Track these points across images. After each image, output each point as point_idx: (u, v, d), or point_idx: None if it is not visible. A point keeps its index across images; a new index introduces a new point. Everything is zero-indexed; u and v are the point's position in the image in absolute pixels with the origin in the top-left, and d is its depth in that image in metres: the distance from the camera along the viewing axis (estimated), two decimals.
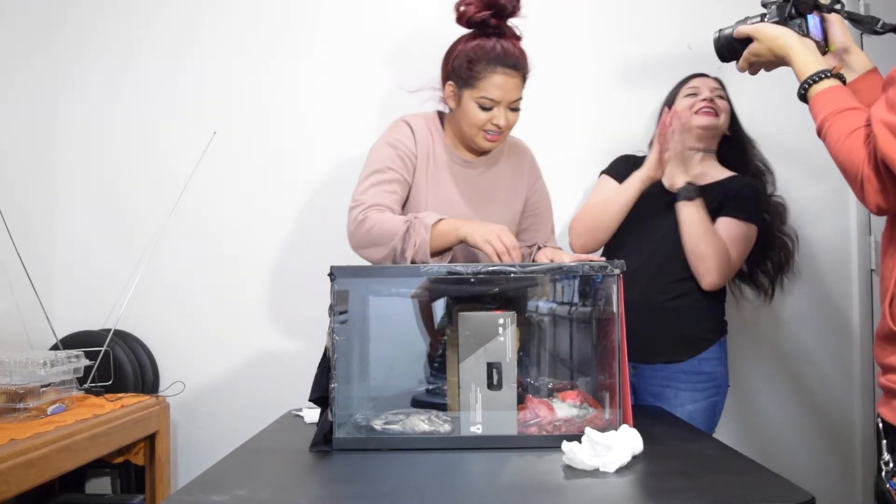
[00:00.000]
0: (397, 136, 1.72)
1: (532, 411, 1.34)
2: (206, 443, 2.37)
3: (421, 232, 1.52)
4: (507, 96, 1.64)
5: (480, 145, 1.70)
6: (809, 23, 1.30)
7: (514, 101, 1.66)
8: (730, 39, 1.37)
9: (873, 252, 2.31)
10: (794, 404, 2.37)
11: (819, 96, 1.20)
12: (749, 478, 1.12)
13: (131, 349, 2.36)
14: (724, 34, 1.38)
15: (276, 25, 2.47)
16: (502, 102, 1.64)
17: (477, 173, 1.76)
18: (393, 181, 1.66)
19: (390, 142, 1.71)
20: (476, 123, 1.66)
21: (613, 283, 1.33)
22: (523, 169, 1.84)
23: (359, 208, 1.61)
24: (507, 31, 1.66)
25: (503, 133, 1.69)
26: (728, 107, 2.02)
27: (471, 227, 1.51)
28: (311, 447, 1.30)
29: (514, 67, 1.63)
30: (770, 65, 1.34)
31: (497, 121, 1.65)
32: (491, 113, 1.65)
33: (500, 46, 1.62)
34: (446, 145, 1.75)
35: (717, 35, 1.39)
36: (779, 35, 1.29)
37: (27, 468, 1.64)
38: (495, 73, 1.62)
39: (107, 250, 2.45)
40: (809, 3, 1.30)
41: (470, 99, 1.65)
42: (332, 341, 1.30)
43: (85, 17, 2.49)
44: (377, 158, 1.69)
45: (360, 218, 1.59)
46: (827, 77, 1.21)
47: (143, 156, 2.47)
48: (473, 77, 1.63)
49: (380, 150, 1.71)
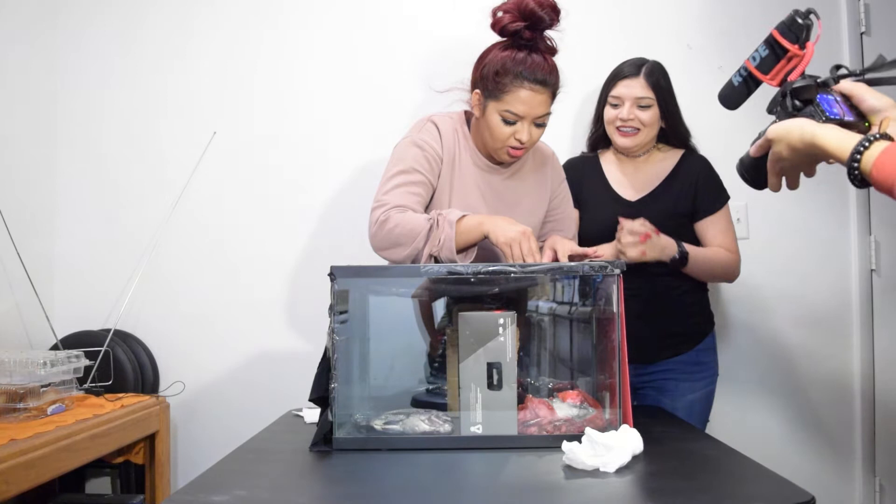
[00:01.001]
0: (424, 138, 1.67)
1: (532, 411, 1.34)
2: (206, 443, 2.37)
3: (446, 228, 1.48)
4: (533, 112, 1.59)
5: (502, 158, 1.67)
6: (823, 106, 1.09)
7: (540, 116, 1.61)
8: (751, 161, 1.17)
9: (873, 252, 2.31)
10: (794, 404, 2.37)
11: (882, 161, 0.98)
12: (749, 478, 1.12)
13: (131, 349, 2.36)
14: (743, 160, 1.19)
15: (277, 25, 2.47)
16: (527, 118, 1.60)
17: (501, 179, 1.73)
18: (418, 183, 1.62)
19: (417, 142, 1.66)
20: (499, 137, 1.62)
21: (613, 283, 1.33)
22: (546, 175, 1.81)
23: (381, 209, 1.57)
24: (542, 45, 1.61)
25: (526, 148, 1.65)
26: (654, 113, 1.92)
27: (495, 225, 1.48)
28: (311, 447, 1.30)
29: (542, 83, 1.58)
30: (803, 165, 1.11)
31: (520, 136, 1.60)
32: (514, 127, 1.60)
33: (529, 60, 1.57)
34: (472, 149, 1.71)
35: (739, 165, 1.20)
36: (792, 126, 1.08)
37: (27, 468, 1.64)
38: (522, 88, 1.57)
39: (107, 250, 2.45)
40: (811, 86, 1.11)
41: (494, 111, 1.61)
42: (332, 341, 1.30)
43: (83, 15, 2.48)
44: (403, 159, 1.64)
45: (381, 219, 1.55)
46: (876, 139, 1.00)
47: (144, 156, 2.47)
48: (499, 89, 1.59)
49: (406, 149, 1.66)
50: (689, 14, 2.42)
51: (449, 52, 2.37)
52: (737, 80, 1.19)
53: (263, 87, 2.47)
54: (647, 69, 1.92)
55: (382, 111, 2.42)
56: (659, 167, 1.98)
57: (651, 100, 1.91)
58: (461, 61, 1.69)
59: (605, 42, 2.37)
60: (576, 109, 2.32)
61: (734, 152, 1.25)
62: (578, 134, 2.30)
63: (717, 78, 1.25)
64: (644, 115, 1.92)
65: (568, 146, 2.32)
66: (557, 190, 1.83)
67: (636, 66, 1.93)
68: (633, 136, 1.93)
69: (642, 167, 1.99)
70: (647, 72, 1.91)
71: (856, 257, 2.37)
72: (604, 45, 2.35)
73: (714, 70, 2.23)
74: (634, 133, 1.93)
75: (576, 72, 1.71)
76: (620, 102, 1.93)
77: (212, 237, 2.45)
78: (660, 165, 1.98)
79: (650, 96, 1.91)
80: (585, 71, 2.22)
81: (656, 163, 1.99)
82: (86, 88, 2.48)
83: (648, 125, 1.93)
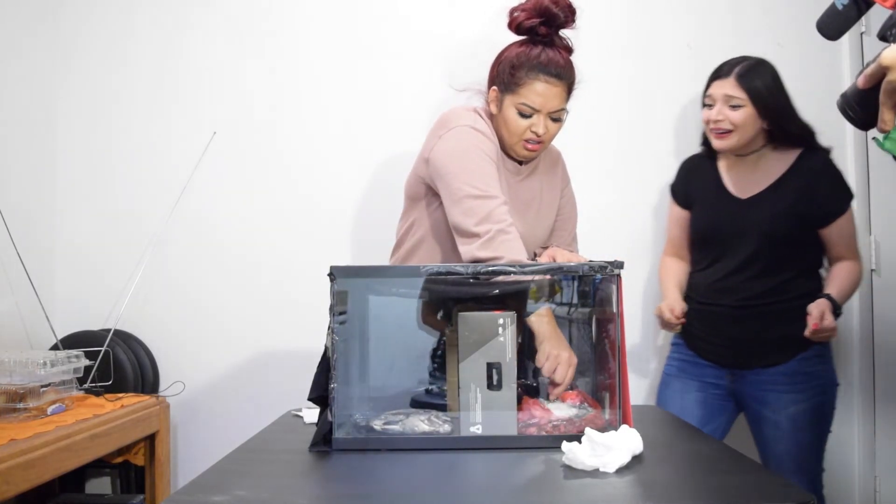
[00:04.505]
0: (486, 150, 1.62)
1: (531, 412, 1.34)
2: (206, 443, 2.37)
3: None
4: (548, 105, 1.61)
5: (519, 153, 1.67)
6: None
7: (556, 110, 1.62)
8: (858, 95, 1.01)
9: (873, 252, 2.31)
10: None
11: None
12: (749, 478, 1.12)
13: (131, 349, 2.36)
14: (847, 95, 1.03)
15: (277, 25, 2.47)
16: (543, 111, 1.61)
17: (518, 181, 1.73)
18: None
19: (487, 153, 1.61)
20: (516, 131, 1.63)
21: (613, 283, 1.33)
22: (557, 177, 1.82)
23: (501, 224, 1.51)
24: (558, 42, 1.63)
25: (543, 143, 1.65)
26: (747, 113, 1.86)
27: (549, 334, 1.43)
28: (311, 447, 1.30)
29: (557, 76, 1.60)
30: None
31: (536, 129, 1.61)
32: (530, 120, 1.61)
33: (545, 55, 1.60)
34: (499, 151, 1.70)
35: (841, 100, 1.05)
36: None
37: (27, 468, 1.64)
38: (537, 80, 1.59)
39: (107, 250, 2.45)
40: None
41: (511, 105, 1.62)
42: (331, 341, 1.30)
43: (83, 15, 2.49)
44: (484, 172, 1.58)
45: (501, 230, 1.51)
46: None
47: (144, 155, 2.47)
48: (515, 83, 1.61)
49: (486, 166, 1.59)
50: (689, 14, 2.42)
51: (450, 52, 2.37)
52: (841, 3, 1.04)
53: (263, 87, 2.47)
54: (740, 69, 1.87)
55: (382, 111, 2.42)
56: (773, 166, 1.94)
57: (743, 100, 1.86)
58: (469, 61, 1.70)
59: (605, 42, 2.37)
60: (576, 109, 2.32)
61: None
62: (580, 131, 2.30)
63: None
64: (735, 116, 1.87)
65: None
66: (564, 191, 1.85)
67: (730, 66, 1.89)
68: (725, 137, 1.90)
69: (755, 166, 1.96)
70: (740, 72, 1.86)
71: None
72: (604, 44, 2.35)
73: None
74: (726, 134, 1.90)
75: (576, 71, 1.71)
76: (713, 102, 1.91)
77: (212, 237, 2.45)
78: (774, 165, 1.94)
79: (741, 96, 1.86)
80: (586, 71, 2.22)
81: (771, 162, 1.95)
82: (86, 88, 2.48)
83: (741, 126, 1.87)
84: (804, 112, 1.95)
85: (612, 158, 2.43)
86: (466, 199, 1.54)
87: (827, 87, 2.22)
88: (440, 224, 1.69)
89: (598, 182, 2.34)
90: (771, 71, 1.89)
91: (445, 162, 1.60)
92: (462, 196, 1.55)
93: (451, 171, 1.59)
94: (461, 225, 1.55)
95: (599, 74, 2.00)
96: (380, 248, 1.90)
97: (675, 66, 2.41)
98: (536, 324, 1.43)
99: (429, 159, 1.65)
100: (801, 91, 1.97)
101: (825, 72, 2.35)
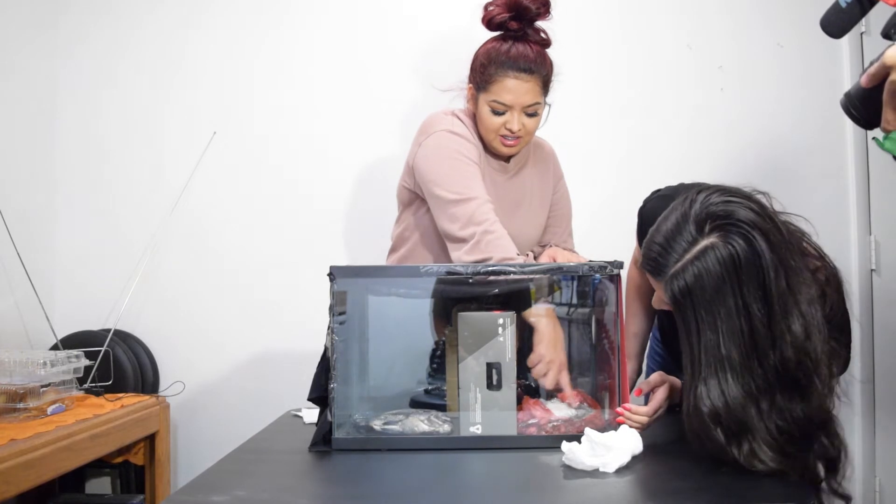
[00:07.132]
0: (465, 152, 1.62)
1: (531, 412, 1.34)
2: (206, 443, 2.37)
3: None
4: (520, 100, 1.59)
5: (498, 150, 1.67)
6: None
7: (530, 105, 1.60)
8: (862, 94, 1.00)
9: (873, 252, 2.31)
10: None
11: None
12: (749, 478, 1.12)
13: (131, 349, 2.36)
14: (850, 94, 1.03)
15: (277, 25, 2.47)
16: (515, 107, 1.59)
17: (505, 179, 1.72)
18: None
19: (466, 154, 1.61)
20: (490, 128, 1.62)
21: (613, 283, 1.33)
22: (549, 173, 1.81)
23: (484, 224, 1.51)
24: (533, 36, 1.61)
25: (521, 138, 1.64)
26: None
27: (548, 336, 1.41)
28: (311, 447, 1.30)
29: (527, 71, 1.58)
30: None
31: (510, 125, 1.60)
32: (504, 117, 1.60)
33: (514, 49, 1.58)
34: (482, 151, 1.70)
35: (845, 100, 1.04)
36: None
37: (27, 468, 1.64)
38: (507, 77, 1.58)
39: (107, 250, 2.45)
40: None
41: (484, 102, 1.61)
42: (331, 341, 1.30)
43: (83, 15, 2.49)
44: (463, 175, 1.58)
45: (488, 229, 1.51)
46: None
47: (143, 156, 2.47)
48: (486, 80, 1.60)
49: (465, 168, 1.59)
50: (689, 14, 2.42)
51: (450, 51, 2.37)
52: (845, 1, 1.03)
53: (263, 87, 2.47)
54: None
55: (382, 111, 2.42)
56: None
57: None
58: (462, 59, 1.69)
59: (605, 42, 2.37)
60: (576, 109, 2.32)
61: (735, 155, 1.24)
62: (580, 131, 2.31)
63: (717, 78, 1.24)
64: None
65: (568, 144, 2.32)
66: (557, 186, 1.83)
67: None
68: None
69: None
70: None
71: (856, 257, 2.36)
72: (604, 45, 2.35)
73: (714, 70, 2.23)
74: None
75: (576, 71, 1.71)
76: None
77: (212, 237, 2.45)
78: None
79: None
80: (585, 71, 2.24)
81: None
82: (86, 88, 2.48)
83: None
84: (804, 112, 1.95)
85: (611, 158, 2.43)
86: (449, 205, 1.56)
87: (827, 87, 2.22)
88: (430, 229, 1.69)
89: (598, 182, 2.34)
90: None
91: (426, 169, 1.62)
92: (445, 202, 1.57)
93: (431, 179, 1.60)
94: (448, 231, 1.56)
95: (599, 74, 2.00)
96: (379, 249, 1.90)
97: (676, 66, 2.41)
98: (537, 322, 1.44)
99: (413, 167, 1.67)
100: (801, 91, 1.97)
101: (825, 72, 2.34)
